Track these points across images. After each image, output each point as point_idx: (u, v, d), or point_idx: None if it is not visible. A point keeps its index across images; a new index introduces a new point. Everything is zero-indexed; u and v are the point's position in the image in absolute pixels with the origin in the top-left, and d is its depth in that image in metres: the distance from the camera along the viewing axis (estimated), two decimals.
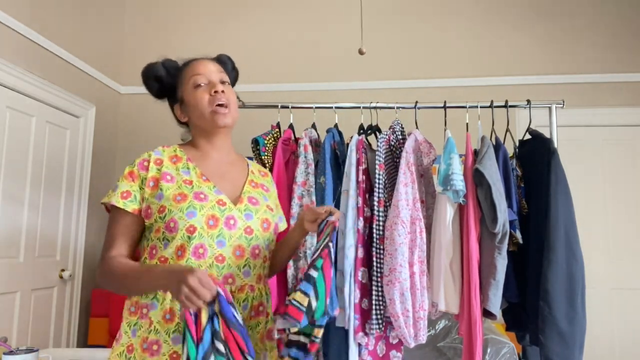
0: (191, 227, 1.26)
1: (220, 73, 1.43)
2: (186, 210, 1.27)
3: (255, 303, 1.34)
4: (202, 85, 1.39)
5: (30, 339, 3.08)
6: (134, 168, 1.34)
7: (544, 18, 3.80)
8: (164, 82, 1.47)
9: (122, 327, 1.31)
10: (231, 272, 1.29)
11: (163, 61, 1.47)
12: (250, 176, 1.47)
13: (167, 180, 1.32)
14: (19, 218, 3.00)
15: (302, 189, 2.04)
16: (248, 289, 1.32)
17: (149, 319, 1.26)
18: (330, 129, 2.15)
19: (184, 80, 1.42)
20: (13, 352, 1.60)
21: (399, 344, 1.97)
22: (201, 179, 1.35)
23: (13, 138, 2.94)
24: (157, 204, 1.30)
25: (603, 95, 3.66)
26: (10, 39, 2.90)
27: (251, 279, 1.33)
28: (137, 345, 1.26)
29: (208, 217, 1.28)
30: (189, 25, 4.08)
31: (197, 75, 1.40)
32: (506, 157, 2.01)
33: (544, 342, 1.84)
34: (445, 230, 1.89)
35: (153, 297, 1.27)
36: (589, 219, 3.55)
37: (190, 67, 1.43)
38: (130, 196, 1.32)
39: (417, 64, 3.85)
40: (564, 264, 1.85)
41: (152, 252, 1.32)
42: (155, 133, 3.99)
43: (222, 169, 1.43)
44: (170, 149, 1.42)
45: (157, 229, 1.30)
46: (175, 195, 1.30)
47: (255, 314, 1.34)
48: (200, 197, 1.30)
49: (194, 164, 1.39)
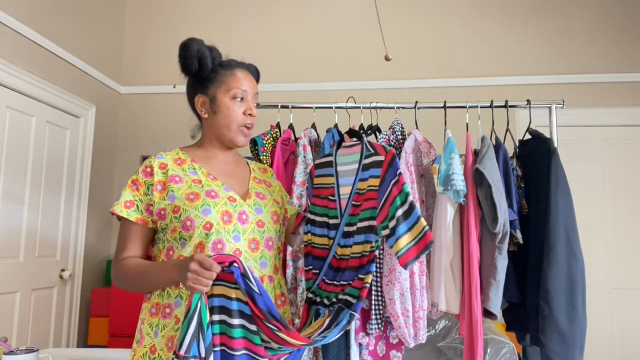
0: (207, 223, 1.29)
1: (256, 95, 1.46)
2: (201, 208, 1.30)
3: (277, 292, 1.39)
4: (241, 100, 1.42)
5: (30, 339, 3.08)
6: (138, 176, 1.36)
7: (544, 18, 3.80)
8: (202, 67, 1.41)
9: (143, 329, 1.32)
10: (249, 265, 1.32)
11: (212, 49, 1.43)
12: (252, 173, 1.51)
13: (175, 182, 1.34)
14: (19, 218, 3.00)
15: (301, 189, 2.04)
16: (267, 280, 1.36)
17: (174, 317, 1.27)
18: (330, 129, 2.15)
19: (224, 83, 1.42)
20: (13, 352, 1.59)
21: (399, 344, 1.97)
22: (209, 178, 1.38)
23: (13, 138, 2.94)
24: (170, 205, 1.32)
25: (603, 95, 3.66)
26: (10, 39, 2.90)
27: (268, 270, 1.37)
28: (162, 344, 1.27)
29: (222, 213, 1.31)
30: (189, 25, 4.08)
31: (240, 90, 1.41)
32: (506, 157, 2.01)
33: (544, 342, 1.84)
34: (446, 230, 1.89)
35: (177, 296, 1.28)
36: (589, 219, 3.55)
37: (236, 76, 1.42)
38: (133, 206, 1.34)
39: (418, 64, 3.85)
40: (564, 264, 1.85)
41: (169, 253, 1.33)
42: (155, 133, 4.00)
43: (228, 168, 1.46)
44: (172, 153, 1.43)
45: (174, 229, 1.32)
46: (188, 195, 1.32)
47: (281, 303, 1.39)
48: (212, 194, 1.33)
49: (199, 164, 1.41)
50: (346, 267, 1.46)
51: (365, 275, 1.38)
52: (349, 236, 1.48)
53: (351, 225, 1.49)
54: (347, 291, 1.41)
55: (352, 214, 1.50)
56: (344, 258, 1.48)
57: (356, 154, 1.57)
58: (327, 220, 1.55)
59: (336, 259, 1.50)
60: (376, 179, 1.46)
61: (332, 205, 1.55)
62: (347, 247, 1.48)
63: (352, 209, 1.50)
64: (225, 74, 1.42)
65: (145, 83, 4.06)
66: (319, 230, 1.56)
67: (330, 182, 1.58)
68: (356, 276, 1.40)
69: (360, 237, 1.45)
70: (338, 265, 1.49)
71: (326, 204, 1.57)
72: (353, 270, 1.43)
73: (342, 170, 1.59)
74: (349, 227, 1.50)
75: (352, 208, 1.50)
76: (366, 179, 1.49)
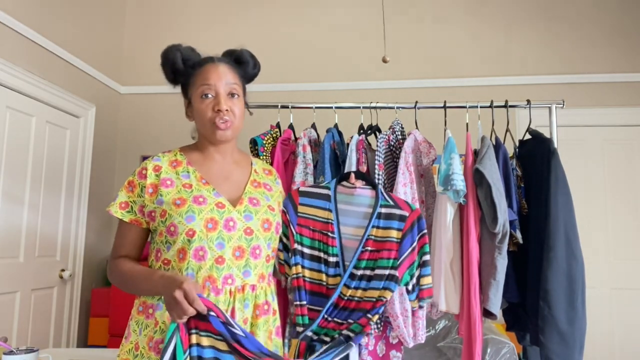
0: (190, 230, 1.28)
1: (230, 85, 1.39)
2: (185, 215, 1.29)
3: (259, 302, 1.35)
4: (209, 97, 1.36)
5: (30, 339, 3.08)
6: (134, 177, 1.37)
7: (544, 18, 3.80)
8: (178, 74, 1.43)
9: (131, 325, 1.34)
10: (230, 272, 1.30)
11: (184, 51, 1.41)
12: (252, 176, 1.47)
13: (166, 186, 1.34)
14: (19, 218, 3.00)
15: None
16: (249, 289, 1.33)
17: (154, 319, 1.28)
18: (330, 129, 2.15)
19: (194, 84, 1.40)
20: (13, 352, 1.59)
21: (399, 344, 1.97)
22: (201, 182, 1.36)
23: (13, 138, 2.94)
24: (159, 208, 1.32)
25: (603, 95, 3.66)
26: (10, 39, 2.90)
27: (252, 279, 1.34)
28: (144, 343, 1.28)
29: (207, 221, 1.29)
30: (189, 25, 4.08)
31: (205, 85, 1.36)
32: (506, 157, 2.01)
33: (544, 342, 1.84)
34: (446, 230, 1.89)
35: (159, 299, 1.29)
36: (589, 219, 3.55)
37: (202, 73, 1.39)
38: (127, 207, 1.35)
39: (418, 64, 3.85)
40: (564, 264, 1.85)
41: (157, 255, 1.35)
42: (155, 133, 4.00)
43: (225, 170, 1.43)
44: (170, 154, 1.43)
45: (160, 233, 1.33)
46: (175, 200, 1.31)
47: (260, 312, 1.35)
48: (199, 200, 1.32)
49: (193, 167, 1.40)
50: (355, 307, 1.49)
51: (373, 316, 1.47)
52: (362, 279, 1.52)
53: (366, 269, 1.52)
54: (351, 328, 1.46)
55: (367, 259, 1.53)
56: (353, 299, 1.50)
57: (365, 197, 1.59)
58: (324, 256, 1.54)
59: (342, 299, 1.51)
60: (398, 231, 1.54)
61: (331, 242, 1.54)
62: (359, 289, 1.51)
63: (367, 253, 1.54)
64: (196, 74, 1.40)
65: (145, 83, 4.06)
66: (310, 264, 1.54)
67: (327, 217, 1.57)
68: (365, 316, 1.47)
69: (379, 283, 1.50)
70: (344, 305, 1.51)
71: (321, 238, 1.55)
72: (363, 311, 1.48)
73: (344, 209, 1.58)
74: (361, 270, 1.52)
75: (367, 253, 1.54)
76: (384, 228, 1.55)
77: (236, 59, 1.48)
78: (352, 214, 1.57)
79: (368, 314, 1.47)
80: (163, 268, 1.32)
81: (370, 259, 1.53)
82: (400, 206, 1.58)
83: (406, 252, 1.53)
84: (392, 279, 1.50)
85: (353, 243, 1.55)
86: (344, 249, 1.55)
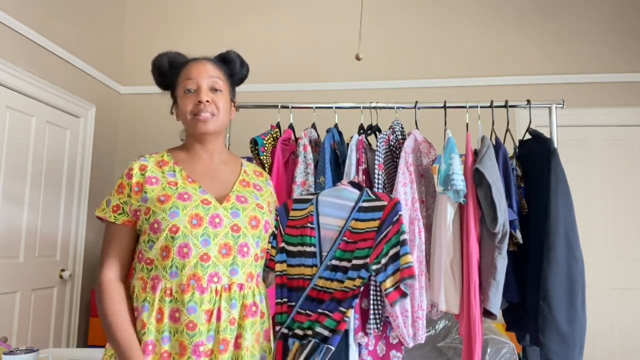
0: (174, 227, 1.27)
1: (212, 78, 1.40)
2: (169, 211, 1.28)
3: (247, 302, 1.33)
4: (191, 92, 1.38)
5: (30, 339, 3.08)
6: (123, 179, 1.37)
7: (544, 18, 3.80)
8: (166, 77, 1.45)
9: None
10: (216, 270, 1.29)
11: (171, 55, 1.45)
12: (242, 176, 1.47)
13: (151, 184, 1.33)
14: (19, 218, 3.00)
15: (302, 189, 2.04)
16: (236, 288, 1.31)
17: (140, 321, 1.27)
18: (330, 129, 2.15)
19: (179, 82, 1.41)
20: (13, 352, 1.60)
21: (399, 344, 1.97)
22: (187, 180, 1.36)
23: (13, 138, 2.94)
24: (143, 206, 1.32)
25: (603, 95, 3.66)
26: (10, 39, 2.90)
27: (239, 278, 1.32)
28: None
29: (191, 217, 1.28)
30: (189, 25, 4.08)
31: (187, 80, 1.39)
32: (506, 157, 2.01)
33: (544, 342, 1.84)
34: (446, 230, 1.89)
35: (144, 300, 1.28)
36: (589, 219, 3.55)
37: (185, 69, 1.41)
38: (119, 209, 1.34)
39: (417, 64, 3.85)
40: (564, 264, 1.85)
41: (139, 256, 1.34)
42: (155, 133, 4.00)
43: (213, 169, 1.43)
44: (157, 155, 1.43)
45: (144, 231, 1.32)
46: (159, 197, 1.31)
47: (248, 313, 1.32)
48: (184, 197, 1.31)
49: (180, 166, 1.39)
50: (329, 298, 1.48)
51: (347, 310, 1.45)
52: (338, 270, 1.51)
53: (342, 260, 1.51)
54: (325, 323, 1.44)
55: (344, 250, 1.52)
56: (328, 291, 1.49)
57: (350, 193, 1.59)
58: (303, 248, 1.54)
59: (316, 290, 1.50)
60: (376, 221, 1.53)
61: (309, 233, 1.54)
62: (334, 280, 1.50)
63: (344, 244, 1.53)
64: (179, 73, 1.42)
65: (145, 83, 4.06)
66: (294, 260, 1.54)
67: (309, 211, 1.57)
68: (338, 308, 1.45)
69: (354, 273, 1.49)
70: (317, 296, 1.50)
71: (301, 232, 1.56)
72: (336, 302, 1.47)
73: (324, 200, 1.59)
74: (338, 261, 1.51)
75: (344, 244, 1.53)
76: (364, 220, 1.55)
77: (222, 59, 1.49)
78: (335, 206, 1.57)
79: (341, 306, 1.45)
80: (146, 269, 1.30)
81: (348, 250, 1.52)
82: (381, 198, 1.58)
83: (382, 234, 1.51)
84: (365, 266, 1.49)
85: (333, 234, 1.54)
86: (322, 240, 1.55)
